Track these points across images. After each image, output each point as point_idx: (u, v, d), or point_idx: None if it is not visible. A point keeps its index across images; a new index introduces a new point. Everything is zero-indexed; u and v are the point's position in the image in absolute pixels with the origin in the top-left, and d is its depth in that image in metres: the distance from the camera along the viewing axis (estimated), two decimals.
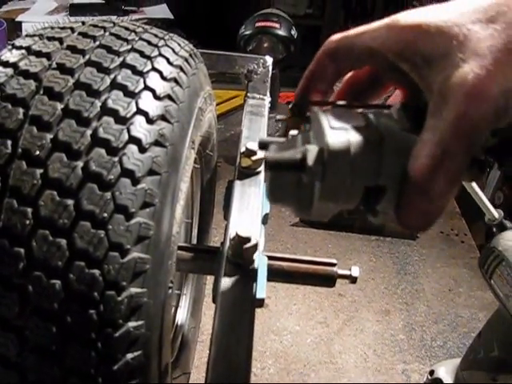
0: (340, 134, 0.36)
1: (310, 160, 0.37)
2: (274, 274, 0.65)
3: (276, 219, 1.38)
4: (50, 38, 0.51)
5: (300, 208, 0.41)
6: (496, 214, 1.14)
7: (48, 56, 0.49)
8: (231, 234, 0.55)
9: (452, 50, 0.34)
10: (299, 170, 0.38)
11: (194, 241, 0.85)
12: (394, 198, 0.37)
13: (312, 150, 0.37)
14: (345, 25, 3.20)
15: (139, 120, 0.46)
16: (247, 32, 1.18)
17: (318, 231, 1.36)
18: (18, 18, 2.16)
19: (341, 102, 0.42)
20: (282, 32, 1.17)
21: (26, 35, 0.54)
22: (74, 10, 2.26)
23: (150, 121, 0.46)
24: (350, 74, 0.44)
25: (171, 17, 2.34)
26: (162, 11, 2.39)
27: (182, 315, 0.84)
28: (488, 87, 0.32)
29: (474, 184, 1.12)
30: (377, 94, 0.44)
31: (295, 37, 1.19)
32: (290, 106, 0.43)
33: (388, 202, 0.37)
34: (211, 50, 0.86)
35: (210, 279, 0.92)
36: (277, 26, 1.17)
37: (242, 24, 1.28)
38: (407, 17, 0.36)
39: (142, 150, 0.45)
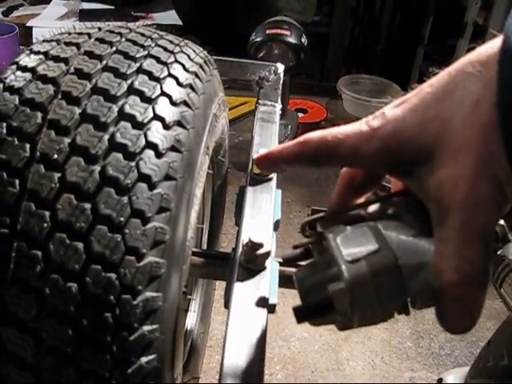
0: (356, 267, 0.36)
1: (337, 303, 0.37)
2: (286, 280, 0.65)
3: (284, 225, 1.39)
4: (67, 44, 0.52)
5: (343, 329, 0.40)
6: (498, 229, 1.14)
7: (66, 61, 0.49)
8: (244, 239, 0.55)
9: (433, 151, 0.34)
10: (330, 312, 0.37)
11: (204, 246, 0.86)
12: (428, 304, 0.37)
13: (335, 292, 0.37)
14: (352, 32, 3.21)
15: (156, 125, 0.46)
16: (258, 39, 1.19)
17: None
18: (29, 23, 2.17)
19: (353, 214, 0.41)
20: (292, 39, 1.17)
21: (44, 40, 0.55)
22: (84, 15, 2.27)
23: (166, 126, 0.47)
24: (343, 171, 0.43)
25: (180, 23, 2.35)
26: (171, 17, 2.40)
27: (191, 320, 0.84)
28: (481, 188, 0.32)
29: None
30: (375, 185, 0.44)
31: (305, 44, 1.19)
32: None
33: (423, 307, 0.37)
34: (224, 57, 0.87)
35: (219, 285, 0.92)
36: (287, 33, 1.17)
37: (250, 30, 1.29)
38: (384, 124, 0.36)
39: (159, 155, 0.45)
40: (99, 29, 0.56)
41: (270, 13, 2.96)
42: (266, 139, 0.75)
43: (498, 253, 0.82)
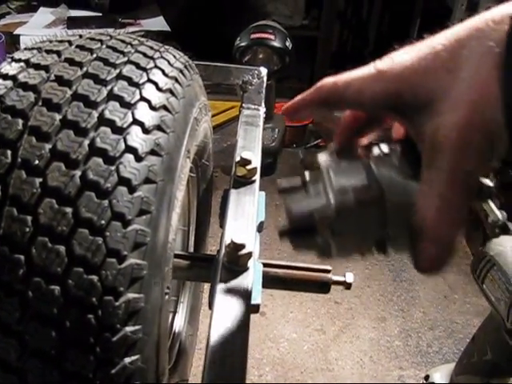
0: (344, 196, 0.39)
1: (320, 228, 0.40)
2: (270, 281, 0.66)
3: (273, 229, 1.39)
4: (48, 51, 0.53)
5: (321, 257, 0.43)
6: (500, 215, 1.15)
7: (46, 68, 0.50)
8: (226, 240, 0.56)
9: (434, 97, 0.35)
10: (312, 237, 0.41)
11: (191, 249, 0.86)
12: (404, 242, 0.39)
13: (321, 216, 0.40)
14: (340, 36, 3.22)
15: (135, 130, 0.47)
16: (242, 44, 1.20)
17: None
18: (16, 31, 2.18)
19: (343, 151, 0.44)
20: (276, 43, 1.18)
21: (25, 48, 0.55)
22: (72, 23, 2.28)
23: (145, 131, 0.48)
24: (348, 113, 0.45)
25: (168, 29, 2.36)
26: (159, 23, 2.41)
27: (179, 323, 0.85)
28: (471, 136, 0.34)
29: None
30: (376, 128, 0.45)
31: (290, 48, 1.20)
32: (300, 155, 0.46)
33: (400, 245, 0.40)
34: (206, 62, 0.88)
35: (207, 287, 0.93)
36: (272, 37, 1.18)
37: (238, 34, 1.30)
38: (390, 68, 0.38)
39: (139, 158, 0.46)
40: (80, 36, 0.57)
41: (259, 17, 2.98)
42: (250, 142, 0.76)
43: (480, 248, 0.84)
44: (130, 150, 0.46)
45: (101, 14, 2.40)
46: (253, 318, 0.85)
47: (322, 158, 0.43)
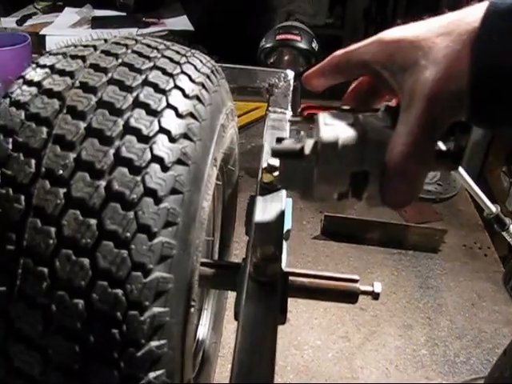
0: (331, 129, 0.46)
1: (307, 150, 0.47)
2: (296, 291, 0.64)
3: (297, 232, 1.38)
4: (73, 57, 0.52)
5: (305, 191, 0.51)
6: (493, 208, 1.13)
7: (71, 74, 0.49)
8: (253, 251, 0.55)
9: (419, 59, 0.43)
10: (298, 158, 0.48)
11: (216, 255, 0.85)
12: (377, 183, 0.46)
13: (308, 142, 0.48)
14: (365, 34, 3.19)
15: (162, 139, 0.46)
16: (268, 45, 1.18)
17: (339, 244, 1.35)
18: (42, 32, 2.19)
19: (344, 107, 0.52)
20: (302, 45, 1.16)
21: (50, 53, 0.54)
22: (96, 22, 2.29)
23: (172, 139, 0.46)
24: (353, 85, 0.55)
25: (191, 28, 2.35)
26: (183, 23, 2.41)
27: (203, 330, 0.84)
28: (443, 89, 0.41)
29: (470, 181, 1.12)
30: (376, 102, 0.54)
31: (316, 49, 1.18)
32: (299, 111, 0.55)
33: (372, 186, 0.47)
34: (233, 65, 0.86)
35: (231, 294, 0.91)
36: (298, 38, 1.16)
37: (262, 34, 1.28)
38: (390, 34, 0.46)
39: (165, 168, 0.45)
40: (105, 41, 0.56)
41: (282, 16, 2.96)
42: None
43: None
44: (156, 159, 0.45)
45: (125, 14, 2.41)
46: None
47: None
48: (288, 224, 0.72)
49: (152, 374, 0.43)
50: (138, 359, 0.42)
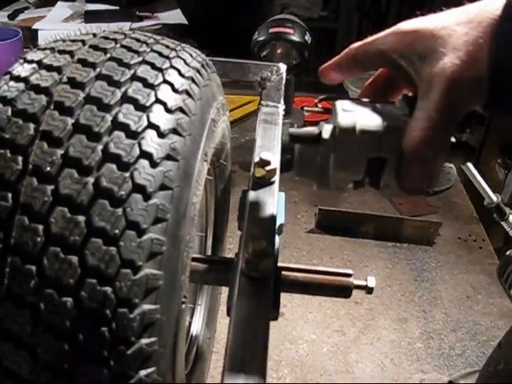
0: (349, 115, 0.46)
1: (325, 134, 0.48)
2: (290, 285, 0.64)
3: (292, 226, 1.37)
4: (60, 52, 0.51)
5: (321, 179, 0.52)
6: (494, 197, 1.14)
7: (59, 70, 0.49)
8: (245, 246, 0.54)
9: (438, 46, 0.43)
10: (316, 143, 0.49)
11: (209, 251, 0.85)
12: (393, 170, 0.46)
13: (327, 127, 0.48)
14: (359, 27, 3.18)
15: (150, 134, 0.45)
16: (261, 38, 1.17)
17: (333, 238, 1.35)
18: (34, 26, 2.17)
19: (364, 99, 0.51)
20: (295, 38, 1.16)
21: (38, 48, 0.54)
22: (89, 16, 2.27)
23: (161, 135, 0.46)
24: (371, 79, 0.55)
25: (185, 22, 2.34)
26: (176, 16, 2.39)
27: (196, 326, 0.83)
28: (462, 74, 0.41)
29: (473, 170, 1.12)
30: (393, 94, 0.54)
31: (309, 42, 1.17)
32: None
33: (389, 174, 0.47)
34: (224, 58, 0.86)
35: (224, 289, 0.91)
36: (290, 31, 1.16)
37: (256, 27, 1.27)
38: (408, 24, 0.46)
39: (154, 164, 0.44)
40: (94, 35, 0.56)
41: (277, 9, 2.94)
42: (269, 142, 0.74)
43: (507, 253, 0.81)
44: (144, 155, 0.44)
45: (118, 8, 2.39)
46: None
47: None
48: (281, 218, 0.71)
49: (143, 372, 0.43)
50: (128, 357, 0.42)
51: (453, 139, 0.47)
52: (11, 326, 0.40)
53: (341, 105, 0.48)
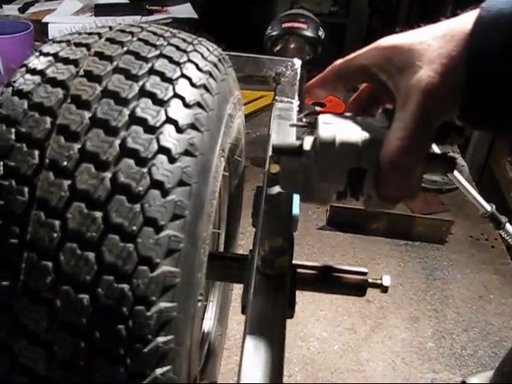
0: (329, 127, 0.48)
1: (306, 146, 0.50)
2: (304, 283, 0.63)
3: (303, 223, 1.37)
4: (77, 44, 0.51)
5: (305, 191, 0.54)
6: (488, 207, 1.12)
7: (75, 63, 0.48)
8: (261, 243, 0.54)
9: (415, 60, 0.45)
10: (298, 154, 0.50)
11: (221, 247, 0.84)
12: (374, 181, 0.47)
13: (308, 139, 0.50)
14: (370, 22, 3.16)
15: (168, 129, 0.45)
16: (274, 33, 1.16)
17: (345, 235, 1.34)
18: (45, 19, 2.17)
19: (346, 114, 0.53)
20: (309, 33, 1.15)
21: (54, 41, 0.53)
22: (99, 10, 2.27)
23: (179, 130, 0.45)
24: (354, 95, 0.57)
25: (195, 16, 2.33)
26: (187, 10, 2.38)
27: (208, 323, 0.83)
28: (436, 85, 0.43)
29: (464, 182, 1.11)
30: (376, 110, 0.55)
31: (322, 37, 1.16)
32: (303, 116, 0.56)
33: (369, 184, 0.48)
34: (239, 53, 0.85)
35: (236, 285, 0.91)
36: (304, 26, 1.15)
37: (267, 22, 1.26)
38: (388, 40, 0.48)
39: (172, 160, 0.44)
40: (110, 28, 0.55)
41: (286, 4, 2.93)
42: (283, 137, 0.73)
43: None
44: (162, 150, 0.43)
45: (128, 1, 2.38)
46: None
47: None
48: (296, 215, 0.70)
49: (159, 371, 0.42)
50: (144, 355, 0.41)
51: (438, 150, 0.50)
52: (27, 322, 0.40)
53: (322, 118, 0.49)
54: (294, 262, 0.63)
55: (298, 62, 0.87)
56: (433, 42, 0.45)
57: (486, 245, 1.39)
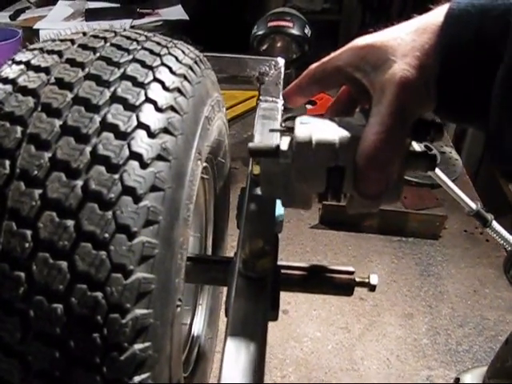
0: (306, 127, 0.48)
1: (283, 146, 0.49)
2: (290, 284, 0.63)
3: (295, 221, 1.36)
4: (49, 52, 0.50)
5: (285, 195, 0.54)
6: (473, 205, 1.12)
7: (47, 71, 0.48)
8: (242, 246, 0.54)
9: (389, 55, 0.45)
10: (275, 155, 0.50)
11: (209, 249, 0.84)
12: (353, 179, 0.47)
13: (284, 140, 0.50)
14: (363, 19, 3.15)
15: (140, 134, 0.44)
16: (260, 32, 1.16)
17: (338, 233, 1.33)
18: (36, 26, 2.17)
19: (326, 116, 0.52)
20: (295, 31, 1.14)
21: (27, 49, 0.53)
22: (90, 15, 2.27)
23: (151, 134, 0.45)
24: (334, 99, 0.57)
25: (186, 18, 2.33)
26: (177, 12, 2.38)
27: (198, 326, 0.82)
28: (411, 78, 0.43)
29: (445, 178, 1.10)
30: (353, 106, 0.56)
31: (309, 35, 1.16)
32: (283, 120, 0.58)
33: (348, 183, 0.47)
34: (220, 54, 0.84)
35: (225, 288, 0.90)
36: (290, 25, 1.14)
37: (257, 21, 1.26)
38: (362, 40, 0.48)
39: (144, 165, 0.43)
40: (84, 34, 0.54)
41: (279, 3, 2.92)
42: (268, 137, 0.72)
43: None
44: (134, 156, 0.43)
45: (119, 5, 2.38)
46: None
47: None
48: (280, 216, 0.70)
49: (137, 378, 0.42)
50: (121, 363, 0.41)
51: (419, 148, 0.50)
52: (1, 333, 0.40)
53: (300, 119, 0.49)
54: (280, 263, 0.63)
55: (281, 61, 0.87)
56: (406, 36, 0.45)
57: (481, 239, 1.38)
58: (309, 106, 1.67)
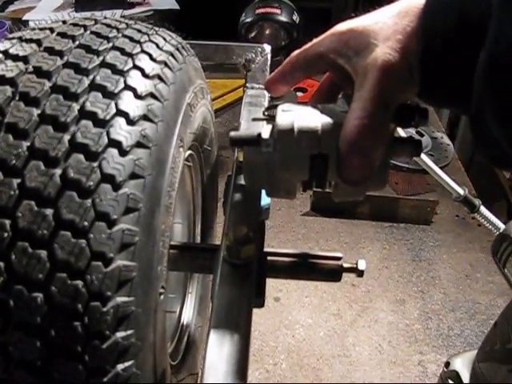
0: (288, 114, 0.47)
1: (265, 134, 0.48)
2: (277, 271, 0.63)
3: (287, 209, 1.36)
4: (27, 41, 0.50)
5: (269, 185, 0.53)
6: (461, 190, 1.12)
7: (25, 59, 0.47)
8: (227, 232, 0.53)
9: (371, 39, 0.44)
10: (257, 144, 0.48)
11: (198, 238, 0.84)
12: (336, 165, 0.46)
13: (266, 128, 0.49)
14: (355, 6, 3.14)
15: (119, 122, 0.44)
16: (248, 19, 1.15)
17: (329, 220, 1.33)
18: (25, 17, 2.15)
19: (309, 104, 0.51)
20: (283, 18, 1.14)
21: (6, 38, 0.52)
22: (80, 5, 2.24)
23: (130, 122, 0.45)
24: (317, 87, 0.57)
25: (177, 7, 2.31)
26: (168, 2, 2.36)
27: (187, 315, 0.82)
28: (392, 62, 0.42)
29: (430, 163, 1.10)
30: (335, 94, 0.55)
31: (297, 22, 1.15)
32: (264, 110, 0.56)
33: (332, 170, 0.47)
34: (205, 41, 0.84)
35: None
36: (277, 11, 1.14)
37: None
38: (343, 25, 0.48)
39: (123, 153, 0.43)
40: (64, 22, 0.54)
41: None
42: (254, 125, 0.72)
43: (501, 231, 0.79)
44: (113, 143, 0.43)
45: None
46: (267, 304, 0.82)
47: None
48: (266, 203, 0.70)
49: (120, 366, 0.42)
50: (103, 351, 0.41)
51: (403, 134, 0.50)
52: None
53: (281, 106, 0.49)
54: (266, 249, 0.63)
55: (267, 48, 0.86)
56: (388, 20, 0.44)
57: (472, 223, 1.39)
58: (299, 94, 1.66)
